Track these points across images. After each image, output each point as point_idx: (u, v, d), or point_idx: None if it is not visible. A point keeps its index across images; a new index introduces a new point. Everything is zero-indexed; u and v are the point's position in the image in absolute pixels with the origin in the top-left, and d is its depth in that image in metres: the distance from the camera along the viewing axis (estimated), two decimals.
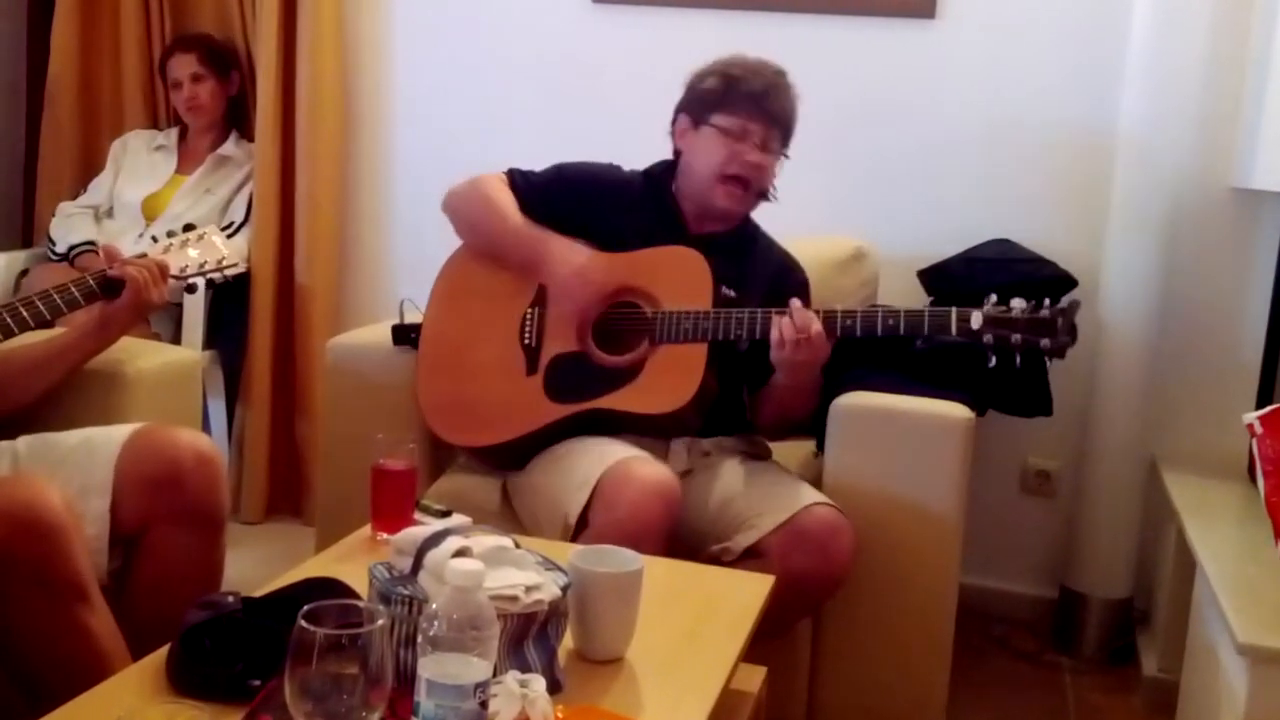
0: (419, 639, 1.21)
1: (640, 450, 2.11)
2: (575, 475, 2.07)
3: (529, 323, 2.33)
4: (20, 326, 1.97)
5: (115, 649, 1.69)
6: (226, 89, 3.48)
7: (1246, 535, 2.39)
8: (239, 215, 3.42)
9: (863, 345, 2.56)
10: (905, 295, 2.92)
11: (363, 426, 2.27)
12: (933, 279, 2.94)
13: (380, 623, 1.13)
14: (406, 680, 1.25)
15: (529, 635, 1.41)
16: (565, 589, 1.45)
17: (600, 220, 2.34)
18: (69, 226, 3.39)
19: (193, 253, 2.23)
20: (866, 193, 3.08)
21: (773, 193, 2.36)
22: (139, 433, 1.92)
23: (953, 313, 2.06)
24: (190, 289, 2.32)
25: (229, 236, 3.13)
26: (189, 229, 2.30)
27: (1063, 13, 3.00)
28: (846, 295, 2.71)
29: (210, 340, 3.35)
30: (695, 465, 2.26)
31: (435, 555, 1.41)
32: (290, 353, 3.49)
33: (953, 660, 2.30)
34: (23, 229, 3.73)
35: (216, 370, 3.42)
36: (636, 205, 2.38)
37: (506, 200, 2.37)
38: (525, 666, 1.38)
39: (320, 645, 1.09)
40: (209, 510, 1.91)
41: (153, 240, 2.25)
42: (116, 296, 2.05)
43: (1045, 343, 2.06)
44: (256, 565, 2.83)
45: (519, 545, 1.50)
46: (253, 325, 3.42)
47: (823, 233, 2.79)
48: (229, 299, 3.36)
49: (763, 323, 2.17)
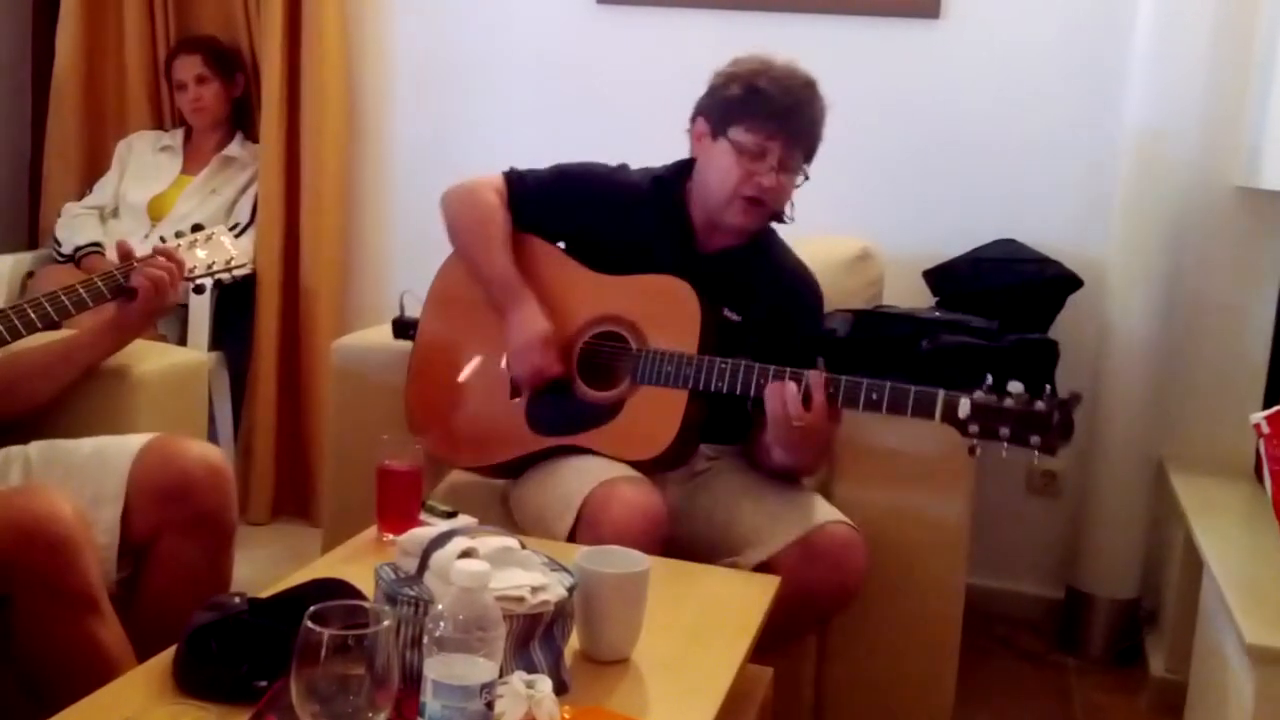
0: (425, 640, 1.21)
1: (628, 469, 2.05)
2: (561, 495, 2.04)
3: None
4: (28, 328, 1.97)
5: (124, 659, 1.69)
6: (231, 90, 3.49)
7: (1254, 535, 2.39)
8: (244, 216, 3.42)
9: (865, 348, 2.57)
10: (911, 295, 2.92)
11: (368, 427, 2.26)
12: (938, 279, 2.94)
13: (386, 623, 1.13)
14: (412, 681, 1.25)
15: (535, 636, 1.41)
16: (571, 590, 1.45)
17: (600, 233, 2.25)
18: (74, 228, 3.39)
19: (201, 253, 2.23)
20: (872, 193, 3.08)
21: (789, 213, 2.22)
22: (151, 444, 1.92)
23: (940, 396, 1.90)
24: (198, 290, 2.32)
25: (235, 238, 3.14)
26: (197, 229, 2.30)
27: (1067, 12, 3.00)
28: (852, 295, 2.71)
29: (216, 341, 3.35)
30: (698, 474, 2.21)
31: (441, 556, 1.40)
32: (296, 354, 3.50)
33: (959, 661, 2.29)
34: (28, 230, 3.74)
35: (222, 371, 3.43)
36: (642, 217, 2.25)
37: (496, 230, 2.26)
38: (531, 667, 1.38)
39: (326, 646, 1.09)
40: (218, 521, 1.92)
41: (161, 239, 2.24)
42: (130, 299, 2.05)
43: (1035, 439, 1.85)
44: (263, 566, 2.84)
45: (525, 546, 1.50)
46: (258, 326, 3.43)
47: (828, 233, 2.78)
48: (235, 300, 3.37)
49: (744, 379, 2.03)
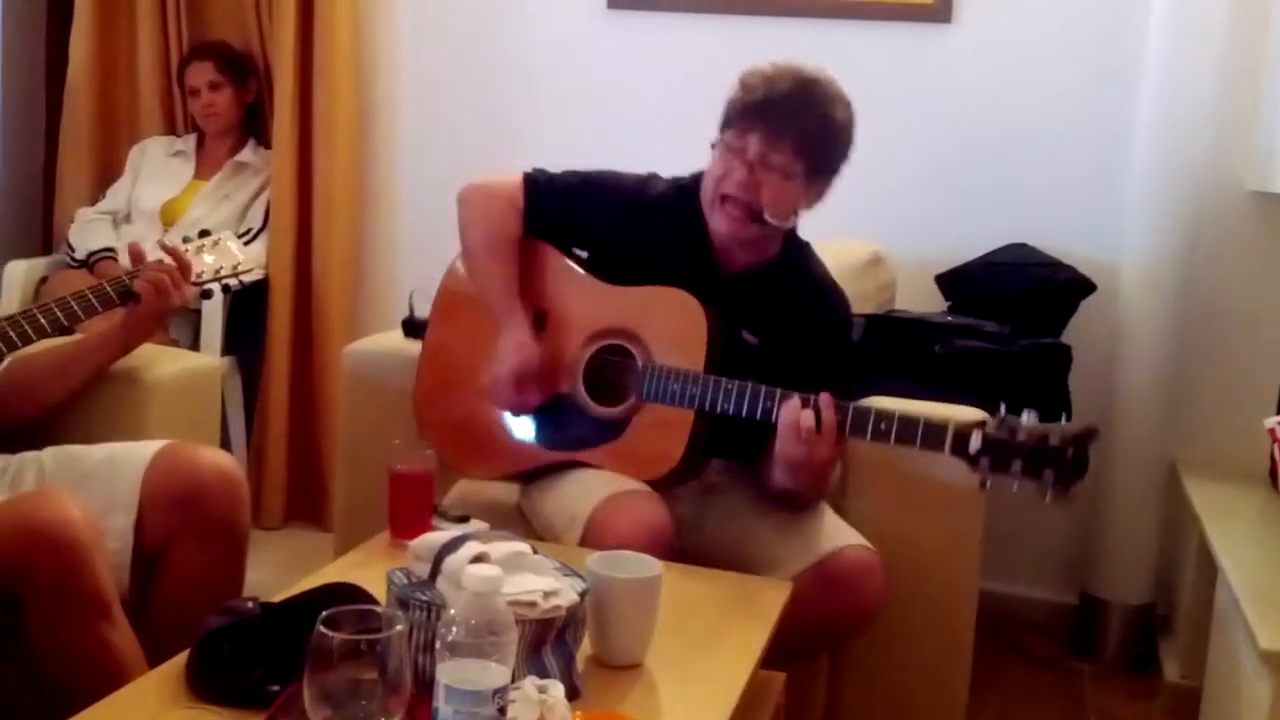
0: (437, 644, 1.20)
1: (636, 482, 2.02)
2: (567, 508, 2.02)
3: None
4: (38, 333, 1.98)
5: (136, 664, 1.69)
6: (243, 96, 3.50)
7: (1268, 540, 2.38)
8: (256, 221, 3.43)
9: (876, 351, 2.56)
10: (923, 300, 2.91)
11: (380, 432, 2.26)
12: (950, 283, 2.94)
13: (399, 628, 1.13)
14: (425, 686, 1.25)
15: (547, 641, 1.40)
16: (583, 595, 1.45)
17: (618, 246, 2.17)
18: (88, 233, 3.41)
19: (208, 258, 2.23)
20: (884, 197, 3.07)
21: (785, 219, 2.07)
22: (164, 451, 1.92)
23: (950, 428, 1.83)
24: (206, 295, 2.32)
25: (246, 243, 3.15)
26: (205, 234, 2.30)
27: (1080, 17, 2.99)
28: (864, 300, 2.70)
29: (228, 346, 3.36)
30: (712, 486, 2.18)
31: (453, 561, 1.40)
32: (308, 358, 3.50)
33: (972, 666, 2.28)
34: (42, 236, 3.75)
35: (235, 376, 3.43)
36: (662, 233, 2.16)
37: (504, 242, 2.20)
38: (543, 672, 1.38)
39: (339, 650, 1.09)
40: (231, 528, 1.92)
41: (184, 241, 2.24)
42: (136, 302, 2.06)
43: (1049, 475, 1.78)
44: (275, 571, 2.84)
45: (536, 551, 1.50)
46: (270, 331, 3.44)
47: (839, 237, 2.78)
48: (247, 305, 3.37)
49: (751, 402, 1.96)
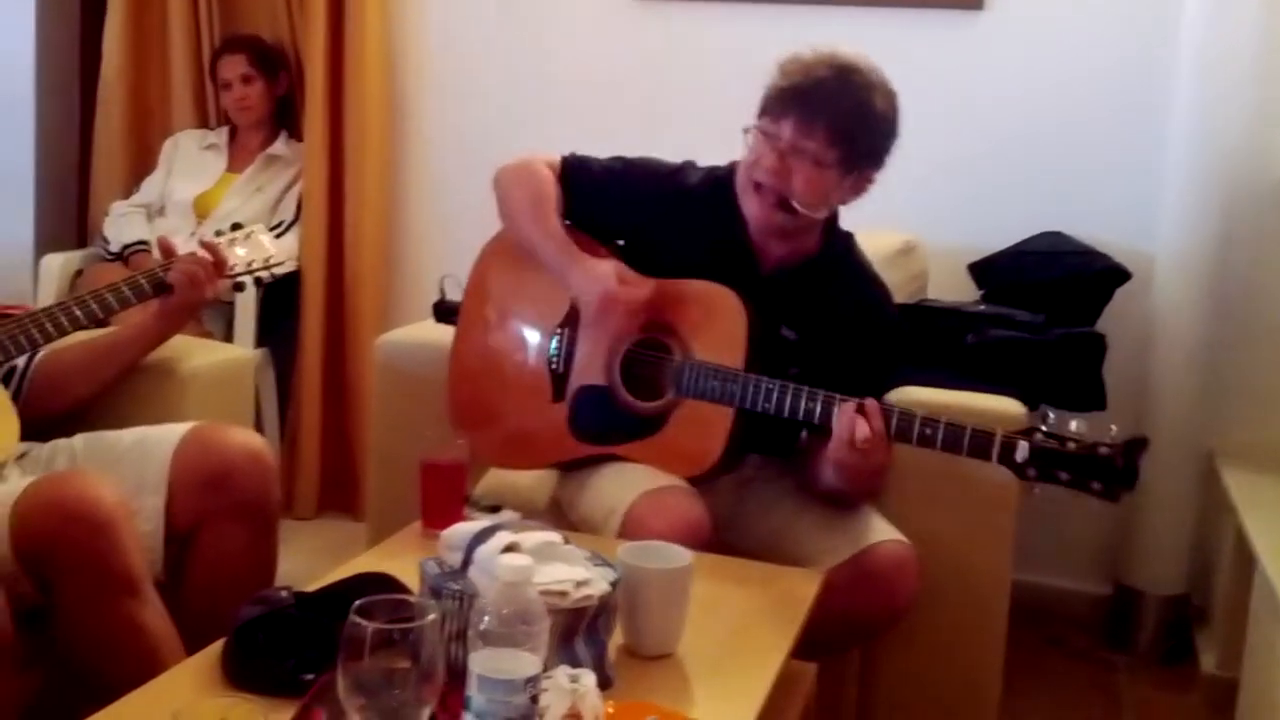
0: (469, 633, 1.21)
1: (672, 477, 2.01)
2: (603, 504, 2.02)
3: (558, 345, 2.18)
4: (74, 325, 2.00)
5: (168, 642, 1.70)
6: (275, 89, 3.51)
7: None
8: (288, 214, 3.45)
9: (910, 342, 2.54)
10: (955, 289, 2.89)
11: (412, 423, 2.27)
12: (983, 272, 2.92)
13: (431, 617, 1.13)
14: (457, 675, 1.25)
15: (579, 631, 1.41)
16: (615, 585, 1.45)
17: (655, 236, 2.15)
18: (122, 226, 3.44)
19: (240, 251, 2.24)
20: (915, 186, 3.03)
21: (816, 209, 2.03)
22: (192, 431, 1.94)
23: (997, 437, 1.81)
24: (238, 287, 2.33)
25: (278, 235, 3.16)
26: (236, 228, 2.31)
27: (1113, 2, 2.96)
28: (896, 290, 2.66)
29: (262, 338, 3.38)
30: (748, 480, 2.17)
31: (485, 551, 1.41)
32: (340, 350, 3.52)
33: (1006, 657, 2.27)
34: (78, 229, 3.78)
35: (268, 368, 3.45)
36: (700, 225, 2.12)
37: (549, 202, 2.16)
38: (575, 662, 1.38)
39: (372, 640, 1.10)
40: (261, 507, 1.93)
41: (217, 234, 2.26)
42: (169, 294, 2.07)
43: (1097, 486, 1.78)
44: (309, 560, 2.86)
45: (568, 541, 1.50)
46: (303, 323, 3.46)
47: (871, 226, 2.76)
48: (280, 297, 3.39)
49: (792, 403, 1.93)
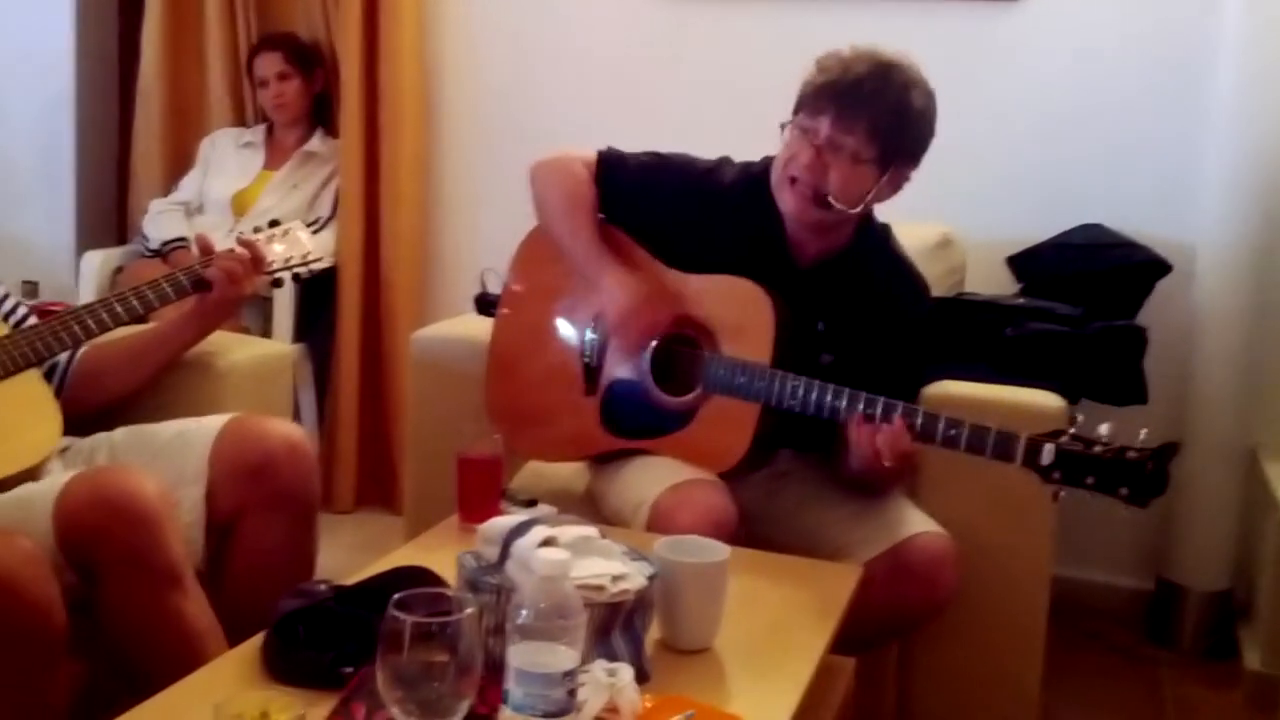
0: (507, 627, 1.21)
1: (701, 471, 2.02)
2: (631, 497, 2.03)
3: (593, 339, 2.20)
4: (115, 321, 2.02)
5: (210, 634, 1.72)
6: (311, 86, 3.53)
7: None
8: (325, 210, 3.47)
9: (948, 336, 2.53)
10: (994, 282, 2.87)
11: (448, 417, 2.28)
12: (1022, 265, 2.89)
13: (469, 611, 1.13)
14: (495, 668, 1.25)
15: (615, 625, 1.41)
16: (651, 579, 1.45)
17: (689, 233, 2.15)
18: (161, 223, 3.47)
19: (278, 248, 2.25)
20: (953, 178, 3.00)
21: (853, 205, 2.02)
22: (232, 423, 1.95)
23: (1022, 440, 1.82)
24: (276, 284, 2.35)
25: (315, 232, 3.18)
26: (274, 224, 2.33)
27: None
28: (934, 283, 2.64)
29: (299, 333, 3.40)
30: (782, 474, 2.17)
31: (522, 545, 1.41)
32: (377, 345, 3.53)
33: (1046, 653, 2.25)
34: (117, 226, 3.82)
35: (306, 363, 3.47)
36: (736, 222, 2.13)
37: (584, 204, 2.19)
38: (612, 656, 1.38)
39: (411, 633, 1.10)
40: (301, 497, 1.94)
41: (255, 231, 2.28)
42: (208, 290, 2.09)
43: (1124, 491, 1.75)
44: (347, 554, 2.88)
45: (605, 535, 1.50)
46: (340, 318, 3.48)
47: (909, 219, 2.74)
48: (317, 293, 3.41)
49: (818, 401, 1.95)
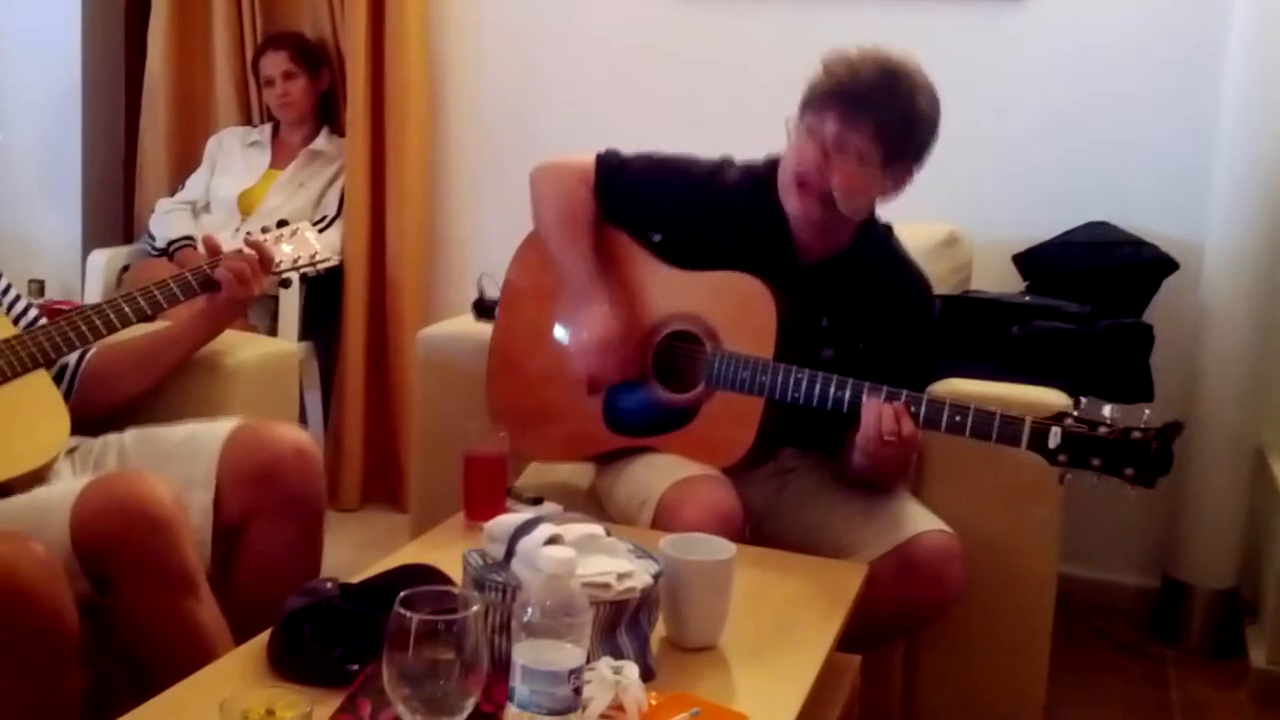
0: (513, 625, 1.21)
1: (705, 467, 2.03)
2: (637, 493, 2.03)
3: None
4: (123, 322, 2.02)
5: (221, 639, 1.73)
6: (317, 85, 3.54)
7: None
8: (331, 209, 3.47)
9: (953, 333, 2.53)
10: (1000, 281, 2.87)
11: (454, 415, 2.28)
12: (1028, 263, 2.89)
13: (475, 609, 1.14)
14: (501, 666, 1.26)
15: (621, 623, 1.41)
16: (657, 577, 1.45)
17: (692, 233, 2.16)
18: (167, 222, 3.47)
19: (286, 248, 2.26)
20: (959, 176, 3.00)
21: (856, 205, 2.05)
22: (240, 428, 1.96)
23: (1026, 422, 1.84)
24: (284, 284, 2.36)
25: (321, 230, 3.19)
26: (282, 224, 2.33)
27: None
28: (940, 281, 2.65)
29: (305, 332, 3.41)
30: (788, 471, 2.18)
31: (528, 543, 1.41)
32: (383, 343, 3.54)
33: (1052, 651, 2.25)
34: (124, 225, 3.83)
35: (312, 361, 3.48)
36: (740, 222, 2.14)
37: (581, 220, 2.19)
38: (618, 654, 1.38)
39: (417, 631, 1.10)
40: (308, 503, 1.95)
41: (248, 234, 2.28)
42: (217, 291, 2.09)
43: (1129, 471, 1.78)
44: (353, 552, 2.89)
45: (610, 533, 1.50)
46: (346, 317, 3.48)
47: (915, 217, 2.74)
48: (323, 291, 3.41)
49: (821, 392, 1.97)
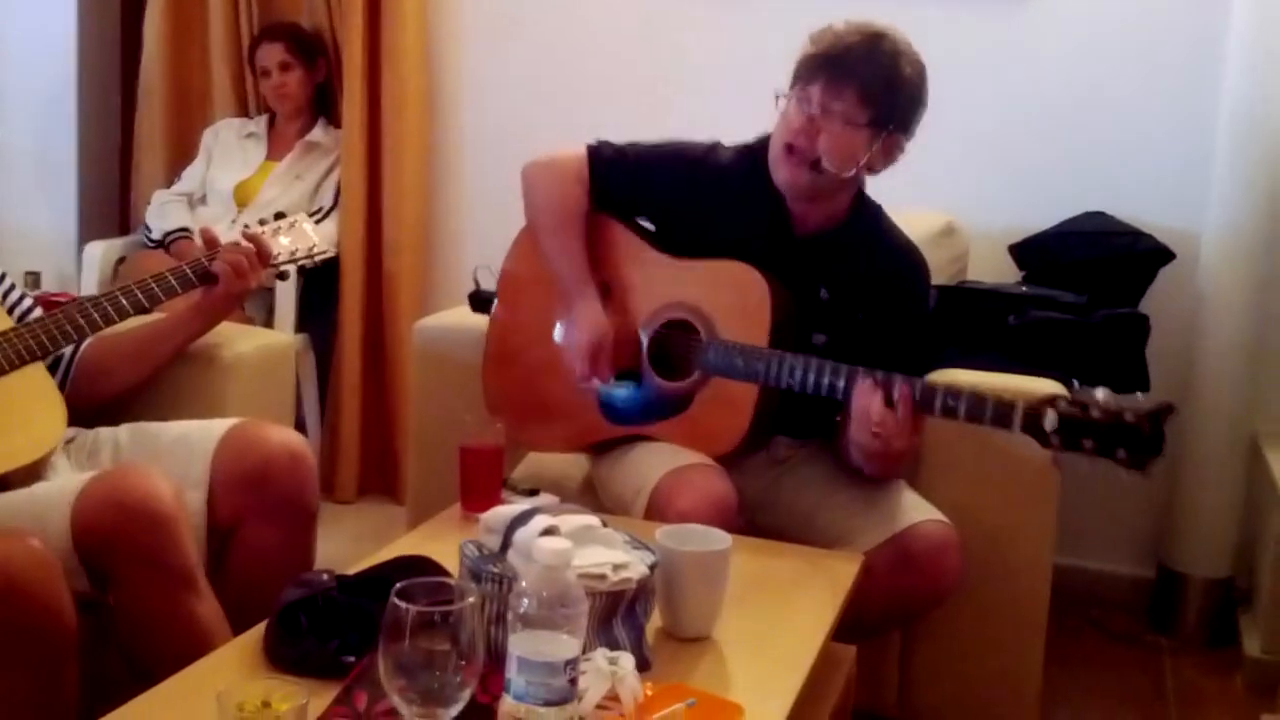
0: (509, 616, 1.21)
1: (700, 455, 2.02)
2: (632, 482, 2.03)
3: None
4: (120, 314, 2.02)
5: (220, 635, 1.73)
6: (313, 76, 3.53)
7: None
8: (327, 200, 3.47)
9: (949, 323, 2.53)
10: (997, 270, 2.87)
11: (450, 407, 2.28)
12: (1025, 253, 2.89)
13: (471, 600, 1.14)
14: (497, 657, 1.26)
15: (617, 613, 1.41)
16: (653, 568, 1.45)
17: (688, 217, 2.16)
18: (164, 214, 3.47)
19: (284, 240, 2.25)
20: (957, 166, 3.03)
21: (844, 169, 2.02)
22: (234, 429, 1.95)
23: (1019, 405, 1.79)
24: (282, 276, 2.35)
25: (318, 222, 3.19)
26: (279, 217, 2.33)
27: None
28: (937, 271, 2.64)
29: (302, 324, 3.41)
30: (782, 461, 2.18)
31: (524, 534, 1.42)
32: (379, 334, 3.54)
33: (1048, 641, 2.25)
34: (120, 217, 3.83)
35: (309, 353, 3.48)
36: (735, 201, 2.14)
37: (572, 217, 2.19)
38: (614, 644, 1.38)
39: (413, 622, 1.11)
40: (300, 506, 1.94)
41: (246, 225, 2.28)
42: (214, 284, 2.09)
43: (1122, 454, 1.73)
44: (349, 544, 2.89)
45: (606, 524, 1.51)
46: (342, 309, 3.48)
47: (912, 207, 2.74)
48: (319, 283, 3.41)
49: (816, 378, 1.94)
